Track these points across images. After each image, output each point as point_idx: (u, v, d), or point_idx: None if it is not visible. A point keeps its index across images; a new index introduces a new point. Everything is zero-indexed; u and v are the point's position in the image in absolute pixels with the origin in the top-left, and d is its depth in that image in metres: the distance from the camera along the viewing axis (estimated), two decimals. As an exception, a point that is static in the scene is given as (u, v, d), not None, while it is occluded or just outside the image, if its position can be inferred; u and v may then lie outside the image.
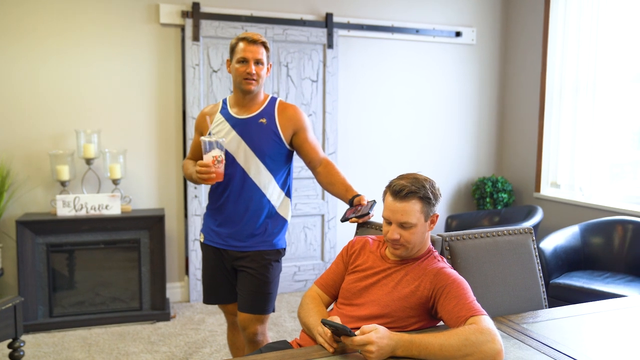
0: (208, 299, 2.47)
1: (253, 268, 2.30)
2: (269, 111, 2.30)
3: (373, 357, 1.43)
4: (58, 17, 3.79)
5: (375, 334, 1.44)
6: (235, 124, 2.27)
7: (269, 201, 2.30)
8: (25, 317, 3.52)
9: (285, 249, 2.41)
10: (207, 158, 2.12)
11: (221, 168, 2.14)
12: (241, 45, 2.21)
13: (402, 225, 1.66)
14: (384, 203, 1.73)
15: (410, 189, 1.66)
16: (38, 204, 3.84)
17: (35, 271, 3.61)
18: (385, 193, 1.75)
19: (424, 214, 1.68)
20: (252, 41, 2.21)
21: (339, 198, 2.33)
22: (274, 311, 2.40)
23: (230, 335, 2.62)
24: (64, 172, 3.70)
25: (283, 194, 2.37)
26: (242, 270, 2.33)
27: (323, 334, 1.56)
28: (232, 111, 2.30)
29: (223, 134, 2.27)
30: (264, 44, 2.24)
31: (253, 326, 2.32)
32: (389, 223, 1.69)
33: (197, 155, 2.42)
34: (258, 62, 2.22)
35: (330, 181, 2.33)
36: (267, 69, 2.28)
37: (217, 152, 2.12)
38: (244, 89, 2.24)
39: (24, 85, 3.76)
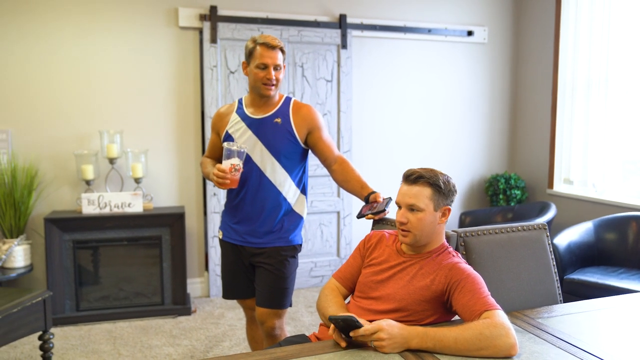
0: (227, 294, 2.52)
1: (270, 264, 2.35)
2: (283, 111, 2.34)
3: (385, 345, 1.45)
4: (82, 22, 3.90)
5: (385, 322, 1.48)
6: (251, 123, 2.32)
7: (285, 199, 2.35)
8: (54, 310, 3.64)
9: (301, 245, 2.46)
10: (226, 165, 2.16)
11: (237, 176, 2.18)
12: (260, 50, 2.23)
13: (410, 208, 1.70)
14: (398, 193, 1.78)
15: (420, 173, 1.72)
16: (64, 202, 3.96)
17: (62, 267, 3.73)
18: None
19: (433, 202, 1.70)
20: (271, 47, 2.23)
21: (354, 195, 2.37)
22: (291, 306, 2.45)
23: (249, 329, 2.67)
24: (89, 172, 3.82)
25: (299, 192, 2.41)
26: (259, 266, 2.38)
27: (332, 330, 1.56)
28: (248, 111, 2.34)
29: (239, 134, 2.32)
30: (281, 49, 2.27)
31: (271, 320, 2.37)
32: (400, 208, 1.74)
33: (215, 154, 2.50)
34: (277, 67, 2.25)
35: (345, 178, 2.38)
36: (283, 70, 2.32)
37: (236, 161, 2.16)
38: (263, 94, 2.28)
39: (50, 89, 3.88)
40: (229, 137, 2.35)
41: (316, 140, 2.37)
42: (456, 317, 1.75)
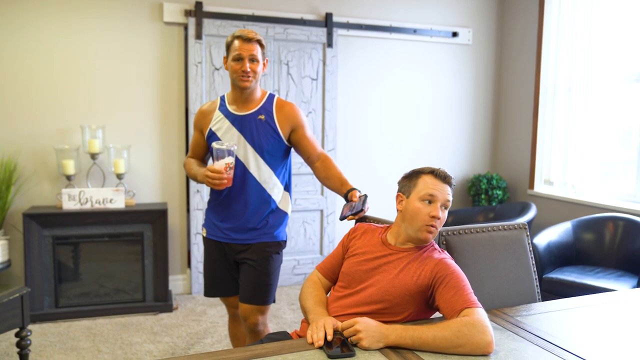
0: (209, 291, 2.52)
1: (254, 260, 2.36)
2: (267, 108, 2.34)
3: (363, 338, 1.47)
4: (64, 15, 3.85)
5: (360, 318, 1.52)
6: (234, 120, 2.32)
7: (270, 196, 2.36)
8: (32, 307, 3.60)
9: (285, 241, 2.47)
10: (220, 165, 2.16)
11: (232, 174, 2.20)
12: (236, 43, 2.24)
13: (444, 205, 1.75)
14: (421, 185, 1.76)
15: (449, 175, 1.80)
16: (44, 197, 3.91)
17: (41, 263, 3.68)
18: (416, 177, 1.79)
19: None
20: (246, 39, 2.23)
21: (335, 192, 2.39)
22: (274, 302, 2.47)
23: (231, 327, 2.67)
24: (70, 167, 3.77)
25: (283, 188, 2.42)
26: (243, 262, 2.39)
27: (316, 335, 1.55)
28: (231, 108, 2.34)
29: (223, 131, 2.32)
30: (258, 42, 2.27)
31: (254, 317, 2.38)
32: (430, 202, 1.73)
33: (199, 153, 2.50)
34: (253, 59, 2.24)
35: (326, 175, 2.39)
36: (263, 65, 2.31)
37: (230, 160, 2.17)
38: (240, 86, 2.27)
39: (30, 81, 3.83)
40: (212, 135, 2.35)
41: (299, 137, 2.37)
42: (435, 315, 1.77)
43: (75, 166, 3.81)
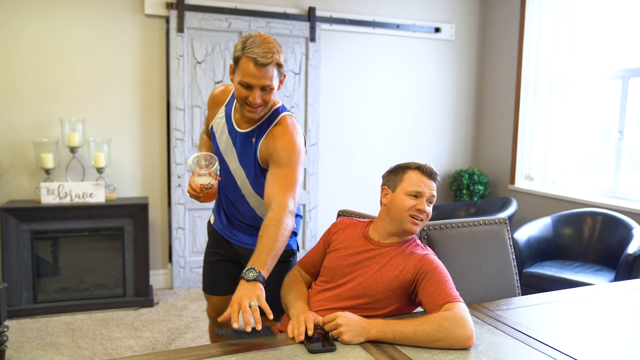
0: (207, 287, 2.27)
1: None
2: (261, 130, 1.91)
3: (344, 332, 1.48)
4: (43, 6, 3.77)
5: (341, 313, 1.53)
6: (231, 131, 1.99)
7: (261, 218, 1.99)
8: (9, 302, 3.54)
9: (295, 250, 2.15)
10: (197, 183, 1.97)
11: (211, 191, 1.99)
12: (245, 65, 1.74)
13: (429, 200, 1.77)
14: (407, 180, 1.78)
15: (435, 172, 1.81)
16: (22, 191, 3.85)
17: (19, 258, 3.63)
18: (403, 172, 1.80)
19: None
20: (260, 64, 1.72)
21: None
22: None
23: (212, 331, 2.43)
24: (49, 160, 3.71)
25: None
26: None
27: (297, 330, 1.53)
28: (234, 117, 1.98)
29: (219, 132, 2.03)
30: (277, 64, 1.77)
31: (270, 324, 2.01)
32: (415, 197, 1.75)
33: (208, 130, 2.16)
34: (265, 88, 1.77)
35: (260, 233, 1.72)
36: (279, 85, 1.83)
37: (204, 181, 1.96)
38: (245, 116, 1.86)
39: (9, 73, 3.75)
40: (213, 133, 2.09)
41: (270, 169, 1.87)
42: (417, 310, 1.78)
43: (54, 160, 3.75)
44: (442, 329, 1.47)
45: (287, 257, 2.11)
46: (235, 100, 1.94)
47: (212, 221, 2.25)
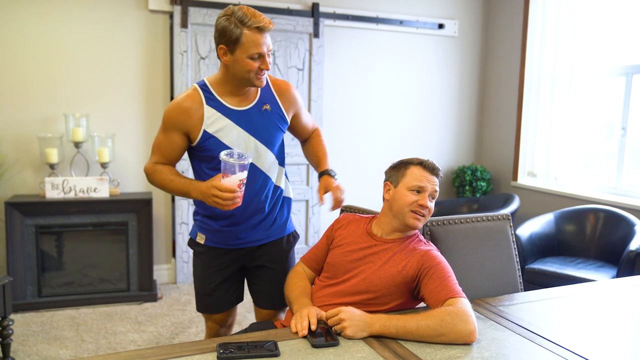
0: (208, 307, 2.17)
1: (276, 262, 2.13)
2: (267, 94, 2.01)
3: (347, 326, 1.49)
4: (46, 1, 3.78)
5: (344, 307, 1.54)
6: (237, 117, 1.93)
7: (278, 186, 2.11)
8: (14, 296, 3.57)
9: (296, 231, 2.24)
10: (232, 182, 1.72)
11: (243, 190, 1.80)
12: (250, 36, 1.79)
13: (432, 196, 1.78)
14: (410, 176, 1.78)
15: (438, 167, 1.82)
16: (27, 186, 3.87)
17: (24, 252, 3.65)
18: (405, 167, 1.81)
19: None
20: (264, 30, 1.82)
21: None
22: None
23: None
24: (53, 155, 3.73)
25: (284, 176, 2.17)
26: (261, 266, 2.14)
27: (300, 324, 1.55)
28: (227, 102, 1.93)
29: (225, 132, 1.92)
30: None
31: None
32: (418, 192, 1.76)
33: (174, 158, 2.03)
34: (270, 50, 1.89)
35: (308, 153, 2.22)
36: None
37: (243, 175, 1.74)
38: (256, 85, 1.90)
39: (14, 69, 3.76)
40: (210, 138, 1.91)
41: (298, 120, 2.14)
42: (420, 305, 1.79)
43: (58, 155, 3.76)
44: (445, 324, 1.47)
45: (291, 245, 2.21)
46: (213, 92, 1.93)
47: (201, 242, 2.10)
